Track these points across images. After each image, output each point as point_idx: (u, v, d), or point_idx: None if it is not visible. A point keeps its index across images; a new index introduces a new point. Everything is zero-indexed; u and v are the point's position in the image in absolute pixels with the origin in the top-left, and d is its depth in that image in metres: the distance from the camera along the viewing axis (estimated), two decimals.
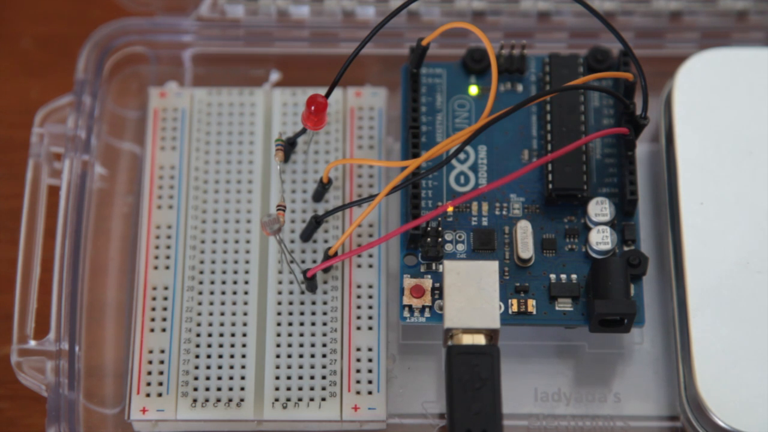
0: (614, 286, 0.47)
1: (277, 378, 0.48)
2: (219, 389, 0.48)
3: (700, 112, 0.51)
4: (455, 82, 0.52)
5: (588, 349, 0.50)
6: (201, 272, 0.50)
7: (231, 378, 0.48)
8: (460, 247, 0.49)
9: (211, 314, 0.49)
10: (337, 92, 0.53)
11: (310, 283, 0.49)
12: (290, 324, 0.49)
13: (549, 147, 0.50)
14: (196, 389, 0.48)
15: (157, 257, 0.50)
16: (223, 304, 0.50)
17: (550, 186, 0.49)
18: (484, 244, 0.49)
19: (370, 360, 0.49)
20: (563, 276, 0.49)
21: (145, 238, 0.51)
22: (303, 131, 0.50)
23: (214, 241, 0.51)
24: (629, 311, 0.46)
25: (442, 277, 0.46)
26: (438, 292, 0.48)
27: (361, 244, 0.50)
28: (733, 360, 0.47)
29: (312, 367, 0.48)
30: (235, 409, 0.48)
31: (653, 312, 0.51)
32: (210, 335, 0.49)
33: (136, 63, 0.55)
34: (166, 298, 0.50)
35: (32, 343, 0.49)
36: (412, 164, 0.47)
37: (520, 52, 0.52)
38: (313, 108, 0.46)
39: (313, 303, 0.49)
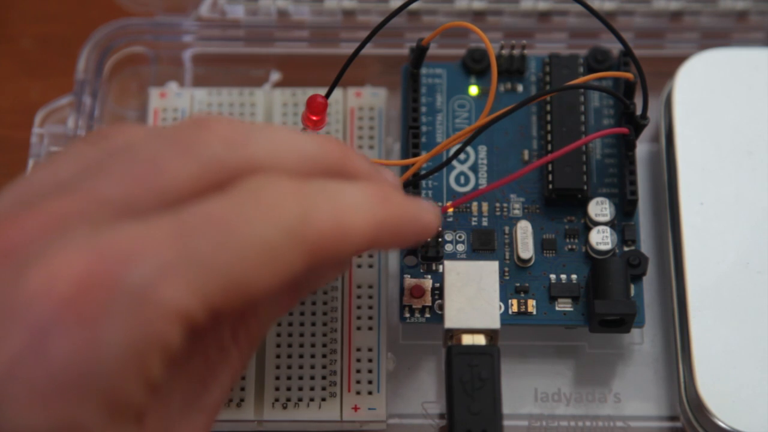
0: (614, 287, 0.47)
1: (277, 378, 0.48)
2: None
3: (700, 112, 0.51)
4: (455, 83, 0.52)
5: (588, 349, 0.50)
6: None
7: (238, 378, 0.48)
8: (460, 247, 0.49)
9: None
10: (337, 92, 0.53)
11: None
12: (290, 324, 0.49)
13: (549, 147, 0.50)
14: None
15: None
16: None
17: (550, 186, 0.49)
18: (484, 244, 0.49)
19: (370, 360, 0.49)
20: (563, 276, 0.49)
21: None
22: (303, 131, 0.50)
23: None
24: (629, 311, 0.46)
25: (442, 277, 0.46)
26: (438, 292, 0.48)
27: None
28: (733, 360, 0.47)
29: (312, 367, 0.48)
30: (235, 410, 0.48)
31: (653, 312, 0.51)
32: None
33: (136, 63, 0.55)
34: None
35: None
36: (419, 161, 0.47)
37: (520, 52, 0.52)
38: (313, 108, 0.46)
39: (313, 303, 0.49)
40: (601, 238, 0.49)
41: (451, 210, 0.50)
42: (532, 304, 0.48)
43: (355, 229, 0.37)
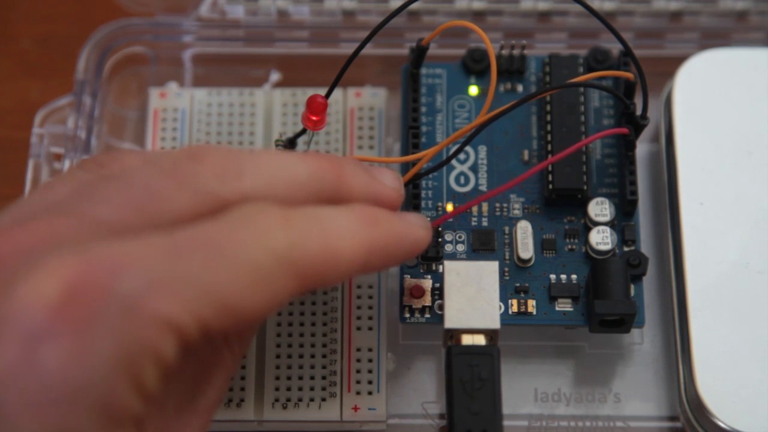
0: (614, 287, 0.47)
1: (277, 378, 0.48)
2: None
3: (700, 112, 0.51)
4: (455, 83, 0.52)
5: (588, 349, 0.50)
6: None
7: (231, 378, 0.48)
8: (460, 247, 0.49)
9: None
10: (337, 92, 0.53)
11: None
12: (290, 324, 0.49)
13: (549, 147, 0.50)
14: None
15: None
16: None
17: (550, 186, 0.49)
18: (484, 245, 0.49)
19: (370, 360, 0.49)
20: (563, 276, 0.49)
21: None
22: (303, 132, 0.50)
23: None
24: (629, 311, 0.46)
25: (442, 278, 0.46)
26: (438, 292, 0.48)
27: None
28: (733, 360, 0.47)
29: (312, 367, 0.48)
30: (235, 410, 0.48)
31: (653, 312, 0.51)
32: None
33: (136, 63, 0.55)
34: None
35: None
36: (422, 161, 0.47)
37: (520, 52, 0.52)
38: (313, 109, 0.46)
39: (313, 303, 0.49)
40: (601, 238, 0.49)
41: (450, 209, 0.50)
42: (532, 304, 0.48)
43: (344, 255, 0.38)
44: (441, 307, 0.48)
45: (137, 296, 0.33)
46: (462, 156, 0.51)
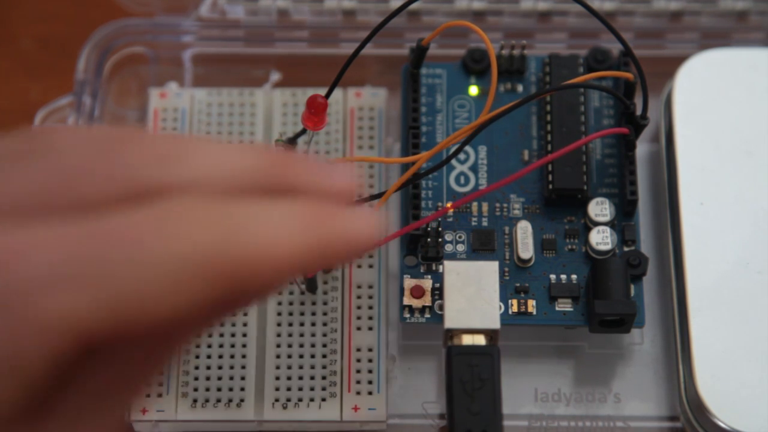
0: (614, 287, 0.47)
1: (277, 378, 0.48)
2: (219, 389, 0.48)
3: (700, 113, 0.51)
4: (455, 83, 0.52)
5: (588, 349, 0.50)
6: None
7: (231, 378, 0.48)
8: (460, 247, 0.49)
9: None
10: (337, 92, 0.53)
11: (310, 282, 0.49)
12: (290, 324, 0.49)
13: (549, 147, 0.50)
14: (196, 389, 0.48)
15: None
16: None
17: (550, 186, 0.49)
18: (484, 245, 0.49)
19: (370, 360, 0.49)
20: (563, 276, 0.49)
21: None
22: (303, 132, 0.50)
23: None
24: (629, 312, 0.46)
25: (442, 278, 0.46)
26: (438, 292, 0.48)
27: None
28: (733, 360, 0.47)
29: (312, 367, 0.48)
30: (236, 410, 0.48)
31: (653, 312, 0.51)
32: (210, 335, 0.49)
33: (136, 63, 0.55)
34: None
35: None
36: (420, 160, 0.47)
37: (520, 53, 0.52)
38: (313, 109, 0.46)
39: (313, 303, 0.49)
40: (601, 238, 0.49)
41: (451, 211, 0.50)
42: (532, 304, 0.48)
43: (276, 257, 0.34)
44: (441, 307, 0.48)
45: (29, 290, 0.30)
46: (462, 156, 0.51)
